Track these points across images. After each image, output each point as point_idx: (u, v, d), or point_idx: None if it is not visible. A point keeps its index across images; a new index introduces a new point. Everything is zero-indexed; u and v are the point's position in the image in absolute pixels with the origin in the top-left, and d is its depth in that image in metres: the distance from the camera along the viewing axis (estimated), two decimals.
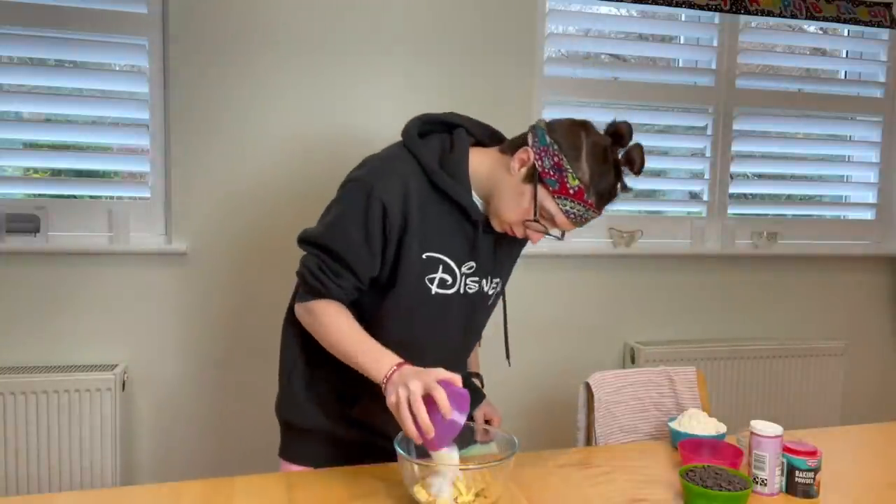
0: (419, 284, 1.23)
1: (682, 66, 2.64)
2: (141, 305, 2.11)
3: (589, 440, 1.70)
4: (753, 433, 1.23)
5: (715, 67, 2.57)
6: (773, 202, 2.80)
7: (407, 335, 1.26)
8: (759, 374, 2.55)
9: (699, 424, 1.45)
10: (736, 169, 2.64)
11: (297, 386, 1.35)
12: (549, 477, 1.28)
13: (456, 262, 1.25)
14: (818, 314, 2.76)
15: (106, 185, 2.15)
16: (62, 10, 2.00)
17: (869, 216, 2.85)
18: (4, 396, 1.91)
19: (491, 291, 1.35)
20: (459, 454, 1.13)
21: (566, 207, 1.17)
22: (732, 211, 2.66)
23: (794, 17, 2.56)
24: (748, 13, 2.52)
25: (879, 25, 2.66)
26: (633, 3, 2.42)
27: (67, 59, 2.08)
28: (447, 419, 1.04)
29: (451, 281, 1.26)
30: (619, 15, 2.51)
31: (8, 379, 1.91)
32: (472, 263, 1.28)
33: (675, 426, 1.46)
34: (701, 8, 2.46)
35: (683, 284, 2.59)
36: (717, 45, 2.57)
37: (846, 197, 2.87)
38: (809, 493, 1.21)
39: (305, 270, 1.22)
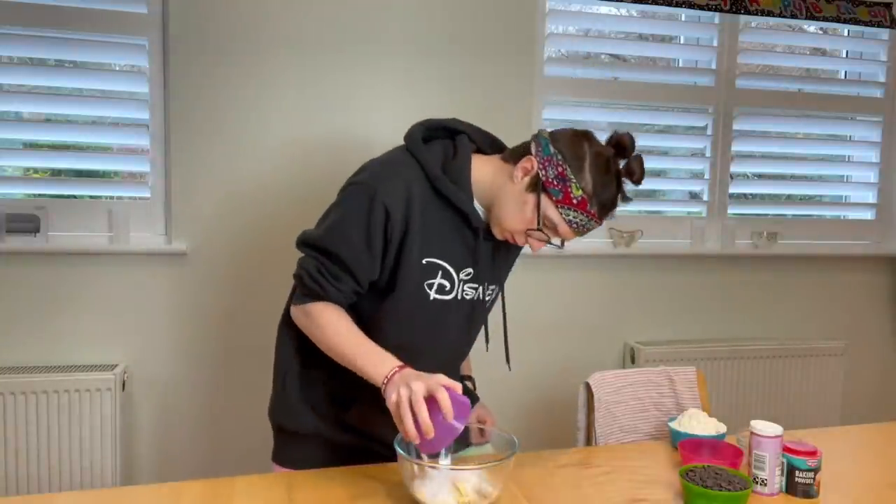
0: (418, 289, 1.23)
1: (682, 66, 2.64)
2: (141, 305, 2.11)
3: (589, 440, 1.70)
4: (753, 433, 1.23)
5: (715, 67, 2.57)
6: (773, 202, 2.79)
7: (404, 340, 1.26)
8: (759, 374, 2.55)
9: (699, 424, 1.45)
10: (736, 169, 2.64)
11: (291, 389, 1.33)
12: (549, 477, 1.28)
13: (455, 268, 1.25)
14: (818, 314, 2.76)
15: (106, 185, 2.15)
16: (62, 10, 2.00)
17: (869, 216, 2.85)
18: (4, 396, 1.91)
19: (487, 297, 1.35)
20: (456, 455, 1.13)
21: (569, 217, 1.17)
22: (732, 211, 2.66)
23: (794, 17, 2.56)
24: (748, 13, 2.52)
25: (879, 25, 2.66)
26: (632, 3, 2.41)
27: (67, 59, 2.08)
28: (448, 421, 1.03)
29: (449, 287, 1.26)
30: (618, 15, 2.51)
31: (8, 379, 1.91)
32: (470, 270, 1.27)
33: (675, 426, 1.46)
34: (701, 8, 2.46)
35: (683, 284, 2.59)
36: (717, 45, 2.57)
37: (846, 197, 2.87)
38: (809, 493, 1.21)
39: (304, 272, 1.21)
